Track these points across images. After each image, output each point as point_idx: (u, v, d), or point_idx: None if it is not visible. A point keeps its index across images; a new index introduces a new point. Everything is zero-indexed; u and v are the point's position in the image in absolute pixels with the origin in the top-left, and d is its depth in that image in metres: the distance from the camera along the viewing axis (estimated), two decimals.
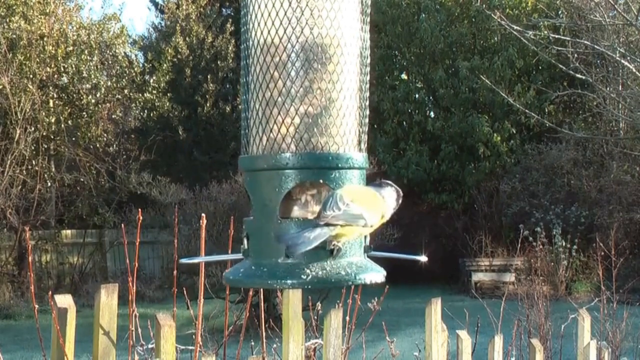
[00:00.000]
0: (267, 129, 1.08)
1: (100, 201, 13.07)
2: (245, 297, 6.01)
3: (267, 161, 1.06)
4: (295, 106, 1.07)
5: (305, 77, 1.07)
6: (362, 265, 1.08)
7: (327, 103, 1.08)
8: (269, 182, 1.06)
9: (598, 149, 13.65)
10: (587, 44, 10.36)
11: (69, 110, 12.80)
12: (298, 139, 1.06)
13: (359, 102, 1.12)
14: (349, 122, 1.10)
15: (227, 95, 15.95)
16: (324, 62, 1.08)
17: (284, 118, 1.07)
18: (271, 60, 1.08)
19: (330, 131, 1.08)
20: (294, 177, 1.05)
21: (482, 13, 13.58)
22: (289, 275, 1.03)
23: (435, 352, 2.30)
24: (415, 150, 14.45)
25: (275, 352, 2.29)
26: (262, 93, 1.09)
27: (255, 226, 1.07)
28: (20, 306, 11.13)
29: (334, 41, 1.08)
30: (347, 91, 1.10)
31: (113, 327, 1.65)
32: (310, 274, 1.03)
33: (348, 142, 1.10)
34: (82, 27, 13.23)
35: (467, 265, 13.22)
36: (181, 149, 15.53)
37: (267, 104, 1.08)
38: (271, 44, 1.08)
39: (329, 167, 1.06)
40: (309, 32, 1.07)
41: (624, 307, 4.64)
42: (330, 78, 1.08)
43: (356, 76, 1.12)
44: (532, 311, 4.73)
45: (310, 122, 1.07)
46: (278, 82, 1.07)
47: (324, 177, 1.06)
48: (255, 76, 1.10)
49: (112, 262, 13.63)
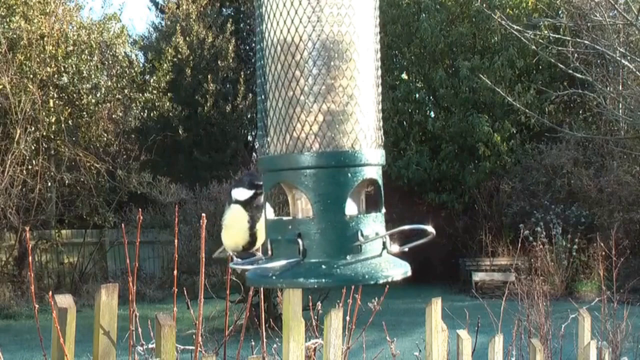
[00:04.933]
0: (290, 128, 1.07)
1: (100, 201, 13.06)
2: (245, 297, 6.01)
3: (325, 159, 1.06)
4: (318, 104, 1.06)
5: (327, 74, 1.06)
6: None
7: (349, 100, 1.08)
8: (332, 179, 1.06)
9: (598, 148, 13.64)
10: (587, 44, 10.36)
11: (69, 110, 12.79)
12: (321, 137, 1.06)
13: (376, 99, 1.12)
14: (369, 119, 1.10)
15: (227, 95, 15.95)
16: (345, 59, 1.07)
17: (306, 116, 1.06)
18: (292, 59, 1.07)
19: (354, 128, 1.07)
20: (360, 174, 1.06)
21: (482, 13, 13.57)
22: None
23: (435, 351, 2.30)
24: (416, 150, 14.45)
25: (276, 352, 2.29)
26: (285, 92, 1.08)
27: (314, 225, 1.06)
28: (21, 306, 11.13)
29: (354, 37, 1.08)
30: (367, 87, 1.10)
31: (113, 327, 1.65)
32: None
33: (370, 138, 1.10)
34: (82, 27, 13.23)
35: (467, 265, 13.23)
36: (181, 148, 15.53)
37: (289, 103, 1.07)
38: (291, 43, 1.07)
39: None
40: (329, 29, 1.06)
41: (625, 307, 4.64)
42: (352, 74, 1.08)
43: (374, 72, 1.12)
44: (532, 311, 4.73)
45: (334, 120, 1.07)
46: (300, 80, 1.07)
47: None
48: (277, 75, 1.09)
49: (112, 262, 13.63)
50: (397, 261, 1.10)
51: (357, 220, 1.06)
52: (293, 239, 1.05)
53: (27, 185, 12.12)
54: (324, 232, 1.05)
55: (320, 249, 1.05)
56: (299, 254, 1.04)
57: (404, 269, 1.09)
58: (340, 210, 1.05)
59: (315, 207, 1.05)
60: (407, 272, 1.09)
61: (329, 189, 1.05)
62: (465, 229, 13.80)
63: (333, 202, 1.05)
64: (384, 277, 1.05)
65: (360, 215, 1.08)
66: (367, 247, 1.06)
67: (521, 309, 4.73)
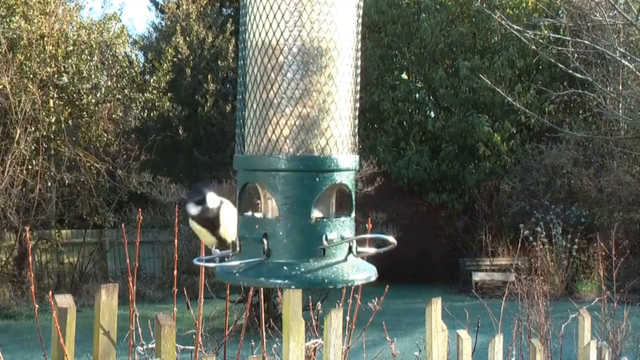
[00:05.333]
0: (262, 129, 1.09)
1: (100, 201, 13.05)
2: (245, 297, 6.01)
3: (294, 163, 1.07)
4: (291, 108, 1.07)
5: (302, 79, 1.07)
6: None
7: (323, 105, 1.08)
8: (301, 183, 1.07)
9: (598, 148, 13.65)
10: (588, 44, 10.37)
11: (69, 110, 12.79)
12: (292, 141, 1.07)
13: (352, 105, 1.13)
14: (343, 125, 1.11)
15: (227, 95, 15.94)
16: (321, 64, 1.08)
17: (279, 119, 1.07)
18: (269, 61, 1.08)
19: (325, 134, 1.08)
20: (329, 179, 1.07)
21: (482, 13, 13.57)
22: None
23: (435, 351, 2.30)
24: (416, 150, 14.45)
25: (276, 352, 2.29)
26: (260, 94, 1.09)
27: (280, 226, 1.07)
28: (21, 306, 11.13)
29: (331, 44, 1.09)
30: (342, 94, 1.10)
31: (113, 327, 1.65)
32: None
33: (343, 143, 1.10)
34: (82, 27, 13.22)
35: (467, 265, 13.23)
36: (181, 148, 15.52)
37: (264, 104, 1.09)
38: (269, 46, 1.08)
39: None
40: (306, 35, 1.07)
41: (625, 307, 4.64)
42: (326, 81, 1.08)
43: (351, 78, 1.12)
44: (532, 311, 4.73)
45: (306, 124, 1.07)
46: (275, 83, 1.08)
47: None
48: (253, 77, 1.10)
49: (112, 262, 13.62)
50: (362, 265, 1.11)
51: (323, 224, 1.07)
52: (259, 238, 1.06)
53: (27, 185, 12.11)
54: (289, 233, 1.06)
55: (284, 250, 1.06)
56: (263, 253, 1.06)
57: (368, 273, 1.10)
58: (306, 214, 1.06)
59: (282, 209, 1.07)
60: (370, 277, 1.10)
61: (297, 192, 1.06)
62: (465, 229, 13.80)
63: (300, 205, 1.06)
64: (344, 281, 1.06)
65: (326, 220, 1.08)
66: (332, 251, 1.07)
67: (521, 309, 4.73)
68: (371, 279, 1.10)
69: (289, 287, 1.06)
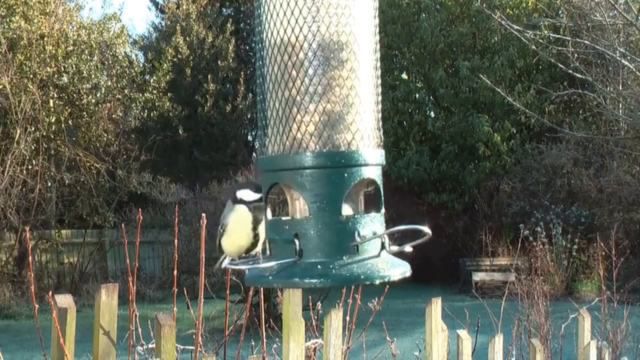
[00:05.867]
0: (287, 128, 1.07)
1: (100, 201, 13.06)
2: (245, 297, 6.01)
3: (321, 160, 1.05)
4: (315, 104, 1.06)
5: (323, 75, 1.06)
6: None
7: (347, 99, 1.07)
8: (329, 180, 1.05)
9: (598, 148, 13.64)
10: (588, 44, 10.36)
11: (69, 110, 12.79)
12: (317, 137, 1.06)
13: (375, 99, 1.12)
14: (368, 119, 1.10)
15: (227, 95, 15.94)
16: (342, 59, 1.07)
17: (303, 116, 1.06)
18: (289, 59, 1.07)
19: (351, 128, 1.07)
20: (357, 174, 1.06)
21: (482, 13, 13.56)
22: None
23: (435, 351, 2.30)
24: (416, 150, 14.45)
25: (276, 352, 2.29)
26: (282, 92, 1.08)
27: (311, 225, 1.05)
28: (21, 306, 11.13)
29: (351, 38, 1.08)
30: (365, 87, 1.10)
31: (113, 327, 1.65)
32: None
33: (369, 138, 1.09)
34: (82, 27, 13.22)
35: (467, 265, 13.23)
36: (181, 148, 15.53)
37: (286, 103, 1.07)
38: (288, 43, 1.07)
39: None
40: (325, 30, 1.06)
41: (625, 307, 4.64)
42: (349, 75, 1.07)
43: (372, 72, 1.12)
44: (532, 311, 4.72)
45: (331, 120, 1.06)
46: (296, 80, 1.06)
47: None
48: (274, 76, 1.09)
49: (112, 262, 13.63)
50: (395, 261, 1.10)
51: (354, 220, 1.06)
52: (290, 239, 1.05)
53: (27, 185, 12.11)
54: (321, 232, 1.05)
55: (316, 249, 1.05)
56: (295, 254, 1.04)
57: (403, 268, 1.09)
58: (336, 211, 1.05)
59: (311, 208, 1.05)
60: (405, 272, 1.09)
61: (326, 189, 1.05)
62: (465, 229, 13.80)
63: (329, 203, 1.05)
64: (380, 277, 1.05)
65: (357, 216, 1.07)
66: (365, 247, 1.06)
67: (521, 309, 4.73)
68: (406, 274, 1.09)
69: (325, 285, 1.05)
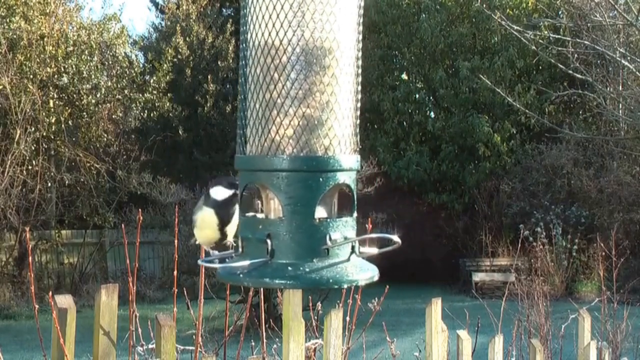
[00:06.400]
0: (266, 130, 1.08)
1: (100, 201, 13.05)
2: (245, 297, 6.01)
3: (297, 163, 1.06)
4: (294, 108, 1.07)
5: (305, 79, 1.07)
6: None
7: (327, 105, 1.08)
8: (304, 183, 1.06)
9: (598, 149, 13.65)
10: (587, 44, 10.37)
11: (69, 111, 12.79)
12: (296, 141, 1.07)
13: (354, 105, 1.13)
14: (346, 125, 1.11)
15: (227, 95, 15.93)
16: (325, 65, 1.08)
17: (282, 119, 1.07)
18: (272, 61, 1.08)
19: (329, 134, 1.08)
20: (332, 179, 1.07)
21: (482, 13, 13.56)
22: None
23: (435, 352, 2.30)
24: (416, 150, 14.45)
25: (276, 352, 2.29)
26: (262, 94, 1.09)
27: (284, 226, 1.06)
28: (21, 306, 11.13)
29: (334, 44, 1.08)
30: (345, 94, 1.10)
31: (113, 327, 1.65)
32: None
33: (346, 143, 1.10)
34: (82, 28, 13.22)
35: (467, 265, 13.22)
36: (181, 149, 15.52)
37: (267, 105, 1.08)
38: (272, 46, 1.08)
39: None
40: (309, 35, 1.07)
41: (625, 307, 4.64)
42: (330, 81, 1.08)
43: (353, 78, 1.12)
44: (532, 311, 4.73)
45: (310, 125, 1.07)
46: (278, 83, 1.07)
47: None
48: (256, 77, 1.10)
49: (112, 262, 13.62)
50: (365, 265, 1.11)
51: (326, 224, 1.07)
52: (263, 239, 1.06)
53: (27, 185, 12.11)
54: (293, 234, 1.06)
55: (288, 250, 1.06)
56: (267, 253, 1.05)
57: (371, 273, 1.10)
58: (309, 214, 1.06)
59: (285, 210, 1.06)
60: (373, 277, 1.10)
61: (300, 192, 1.06)
62: (465, 229, 13.80)
63: (303, 206, 1.06)
64: (349, 281, 1.07)
65: (329, 220, 1.08)
66: (335, 250, 1.07)
67: (521, 309, 4.73)
68: (374, 278, 1.10)
69: (294, 287, 1.06)
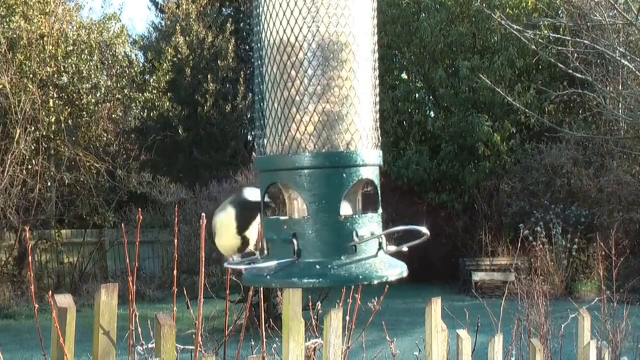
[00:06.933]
0: (286, 128, 1.07)
1: (100, 201, 13.06)
2: (245, 297, 6.01)
3: (320, 160, 1.06)
4: (314, 105, 1.06)
5: (323, 75, 1.06)
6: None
7: (347, 100, 1.07)
8: (328, 180, 1.06)
9: (598, 148, 13.64)
10: (587, 44, 10.36)
11: (69, 110, 12.79)
12: (317, 138, 1.06)
13: (373, 99, 1.12)
14: (367, 119, 1.10)
15: (227, 95, 15.94)
16: (342, 60, 1.07)
17: (302, 117, 1.06)
18: (288, 59, 1.07)
19: (350, 129, 1.07)
20: (356, 175, 1.07)
21: (482, 13, 13.56)
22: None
23: (435, 351, 2.30)
24: (416, 150, 14.45)
25: (276, 352, 2.29)
26: (281, 92, 1.08)
27: (309, 225, 1.06)
28: (21, 306, 11.13)
29: (351, 38, 1.08)
30: (364, 88, 1.10)
31: (113, 327, 1.65)
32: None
33: (367, 138, 1.10)
34: (82, 27, 13.23)
35: (467, 265, 13.22)
36: (181, 148, 15.53)
37: (285, 103, 1.07)
38: (287, 43, 1.07)
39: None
40: (325, 30, 1.06)
41: (625, 307, 4.64)
42: (348, 76, 1.07)
43: (371, 73, 1.12)
44: (532, 311, 4.73)
45: (330, 121, 1.07)
46: (296, 81, 1.06)
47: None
48: (273, 76, 1.09)
49: (112, 262, 13.63)
50: (393, 262, 1.10)
51: (352, 220, 1.06)
52: (288, 239, 1.05)
53: (27, 185, 12.11)
54: (319, 232, 1.05)
55: (315, 249, 1.05)
56: (293, 254, 1.05)
57: (400, 269, 1.09)
58: (335, 211, 1.05)
59: (310, 208, 1.05)
60: (403, 273, 1.09)
61: (324, 189, 1.05)
62: (465, 229, 13.80)
63: (328, 203, 1.05)
64: (378, 277, 1.05)
65: (355, 216, 1.08)
66: (363, 247, 1.06)
67: (521, 309, 4.73)
68: (403, 274, 1.09)
69: (323, 285, 1.05)
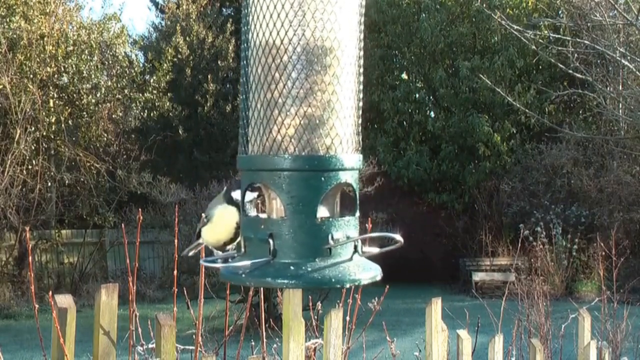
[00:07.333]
0: (267, 129, 1.08)
1: (100, 201, 13.06)
2: (245, 297, 6.01)
3: (299, 163, 1.06)
4: (296, 107, 1.07)
5: (306, 78, 1.07)
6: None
7: (328, 104, 1.08)
8: (306, 183, 1.06)
9: (598, 148, 13.65)
10: (587, 44, 10.36)
11: (69, 110, 12.79)
12: (297, 140, 1.07)
13: (356, 104, 1.13)
14: (348, 124, 1.10)
15: (227, 95, 15.94)
16: (326, 64, 1.08)
17: (283, 119, 1.07)
18: (273, 61, 1.08)
19: (330, 133, 1.08)
20: (334, 178, 1.07)
21: (482, 13, 13.57)
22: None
23: (435, 351, 2.30)
24: (416, 150, 14.45)
25: (276, 352, 2.29)
26: (264, 94, 1.09)
27: (286, 226, 1.06)
28: (21, 306, 11.12)
29: (335, 43, 1.08)
30: (347, 93, 1.10)
31: (113, 327, 1.65)
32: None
33: (347, 142, 1.10)
34: (82, 27, 13.22)
35: (467, 265, 13.22)
36: (181, 148, 15.52)
37: (268, 104, 1.08)
38: (272, 45, 1.08)
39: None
40: (310, 35, 1.07)
41: (625, 307, 4.64)
42: (331, 80, 1.08)
43: (355, 77, 1.12)
44: (532, 311, 4.73)
45: (311, 124, 1.07)
46: (279, 83, 1.07)
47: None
48: (257, 77, 1.10)
49: (112, 262, 13.63)
50: (367, 264, 1.11)
51: (328, 223, 1.07)
52: (265, 239, 1.06)
53: (27, 185, 12.11)
54: (295, 233, 1.06)
55: (290, 250, 1.06)
56: (269, 253, 1.05)
57: (374, 272, 1.10)
58: (312, 213, 1.06)
59: (287, 209, 1.06)
60: (376, 276, 1.10)
61: (302, 192, 1.06)
62: (465, 229, 13.80)
63: (305, 205, 1.06)
64: (351, 281, 1.06)
65: (332, 219, 1.08)
66: (337, 250, 1.07)
67: (521, 309, 4.73)
68: (377, 278, 1.10)
69: (296, 287, 1.06)
